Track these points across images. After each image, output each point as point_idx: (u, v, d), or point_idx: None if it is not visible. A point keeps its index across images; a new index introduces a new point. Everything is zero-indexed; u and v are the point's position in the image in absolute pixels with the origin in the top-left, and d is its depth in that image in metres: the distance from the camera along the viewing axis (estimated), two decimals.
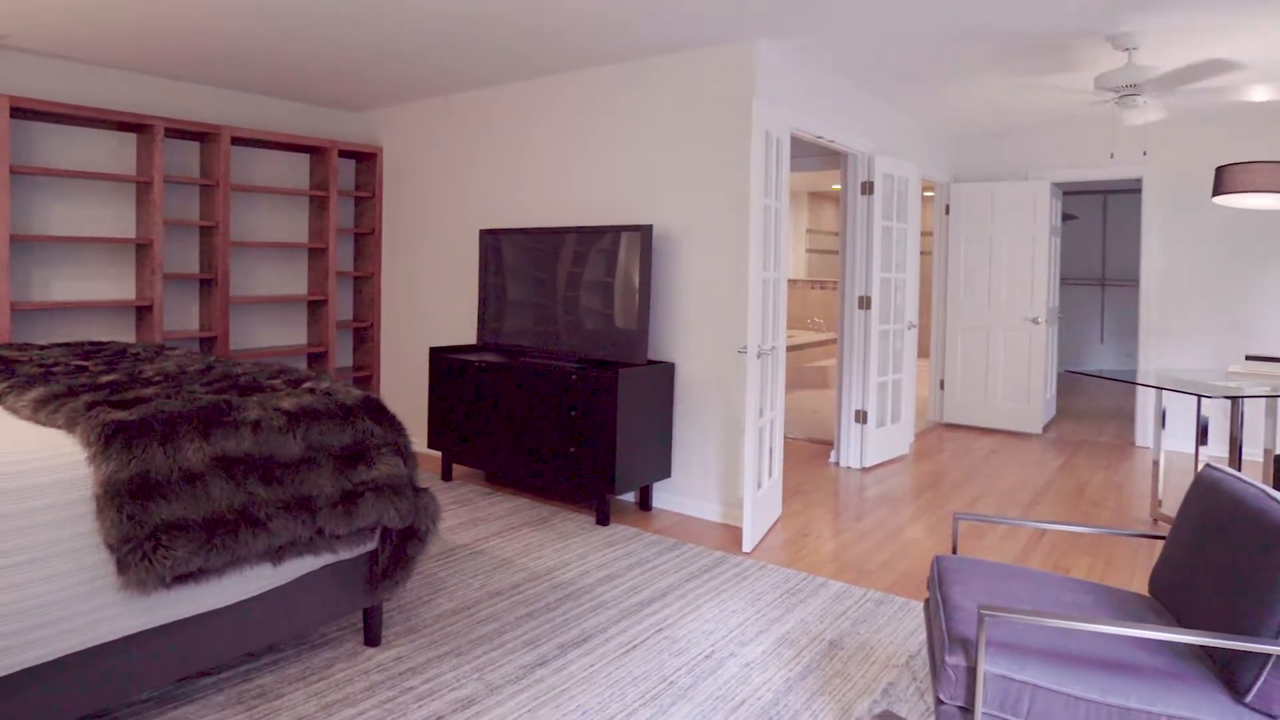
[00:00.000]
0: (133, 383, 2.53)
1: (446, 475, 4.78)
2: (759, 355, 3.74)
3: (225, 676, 2.44)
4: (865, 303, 5.29)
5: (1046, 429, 6.70)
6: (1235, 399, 3.77)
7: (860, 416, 5.33)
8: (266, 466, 2.21)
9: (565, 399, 4.09)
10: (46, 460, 1.90)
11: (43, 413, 2.19)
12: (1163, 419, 4.27)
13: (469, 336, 5.32)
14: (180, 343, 5.04)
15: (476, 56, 4.40)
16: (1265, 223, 5.64)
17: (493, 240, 4.73)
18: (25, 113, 4.29)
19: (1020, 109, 5.56)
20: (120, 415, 2.05)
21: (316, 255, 5.64)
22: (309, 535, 2.26)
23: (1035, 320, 6.38)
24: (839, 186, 6.16)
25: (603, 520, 4.00)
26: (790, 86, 4.31)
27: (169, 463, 2.02)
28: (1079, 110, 5.54)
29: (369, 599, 2.61)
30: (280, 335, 5.64)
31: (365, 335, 5.95)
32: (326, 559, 2.42)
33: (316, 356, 5.64)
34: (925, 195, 9.03)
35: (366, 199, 5.89)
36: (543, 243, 4.49)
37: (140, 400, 2.21)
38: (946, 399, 6.78)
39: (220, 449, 2.13)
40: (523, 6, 3.55)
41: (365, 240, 5.91)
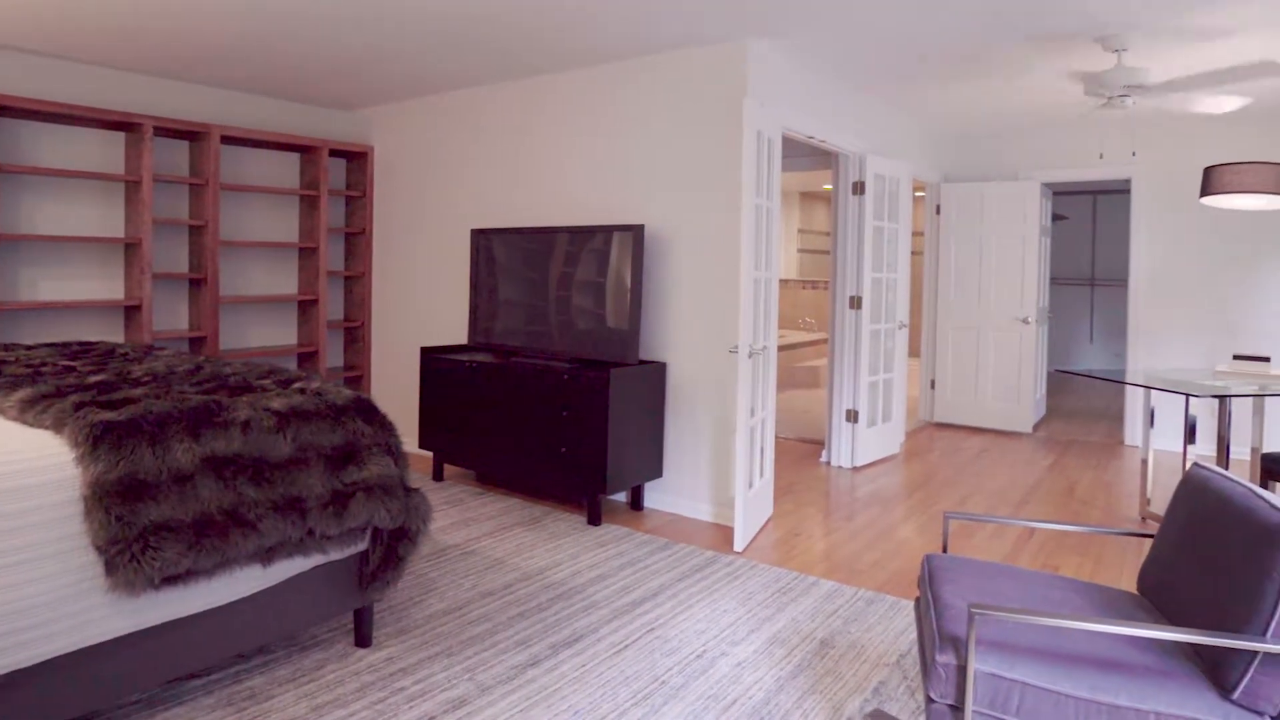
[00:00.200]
0: (121, 383, 2.52)
1: (438, 475, 4.77)
2: (750, 355, 3.74)
3: (215, 678, 2.43)
4: (856, 302, 5.30)
5: (1036, 428, 6.73)
6: (1223, 398, 3.79)
7: (851, 416, 5.34)
8: (256, 467, 2.20)
9: (557, 399, 4.09)
10: (34, 461, 1.89)
11: (30, 413, 2.17)
12: (1151, 418, 4.30)
13: (460, 336, 5.31)
14: (169, 343, 5.01)
15: (467, 56, 4.39)
16: (1252, 223, 5.68)
17: (484, 240, 4.73)
18: (13, 111, 4.26)
19: (1010, 110, 5.58)
20: (108, 416, 2.03)
21: (307, 255, 5.62)
22: (299, 536, 2.25)
23: (1025, 320, 6.41)
24: (830, 186, 6.17)
25: (594, 520, 4.00)
26: (782, 86, 4.32)
27: (158, 463, 2.01)
28: (1069, 111, 5.57)
29: (360, 600, 2.60)
30: (270, 335, 5.62)
31: (356, 335, 5.93)
32: (317, 560, 2.41)
33: (307, 356, 5.62)
34: (916, 195, 9.06)
35: (357, 198, 5.87)
36: (534, 242, 4.49)
37: (129, 400, 2.20)
38: (937, 398, 6.80)
39: (210, 449, 2.12)
40: (515, 6, 3.54)
41: (356, 240, 5.89)
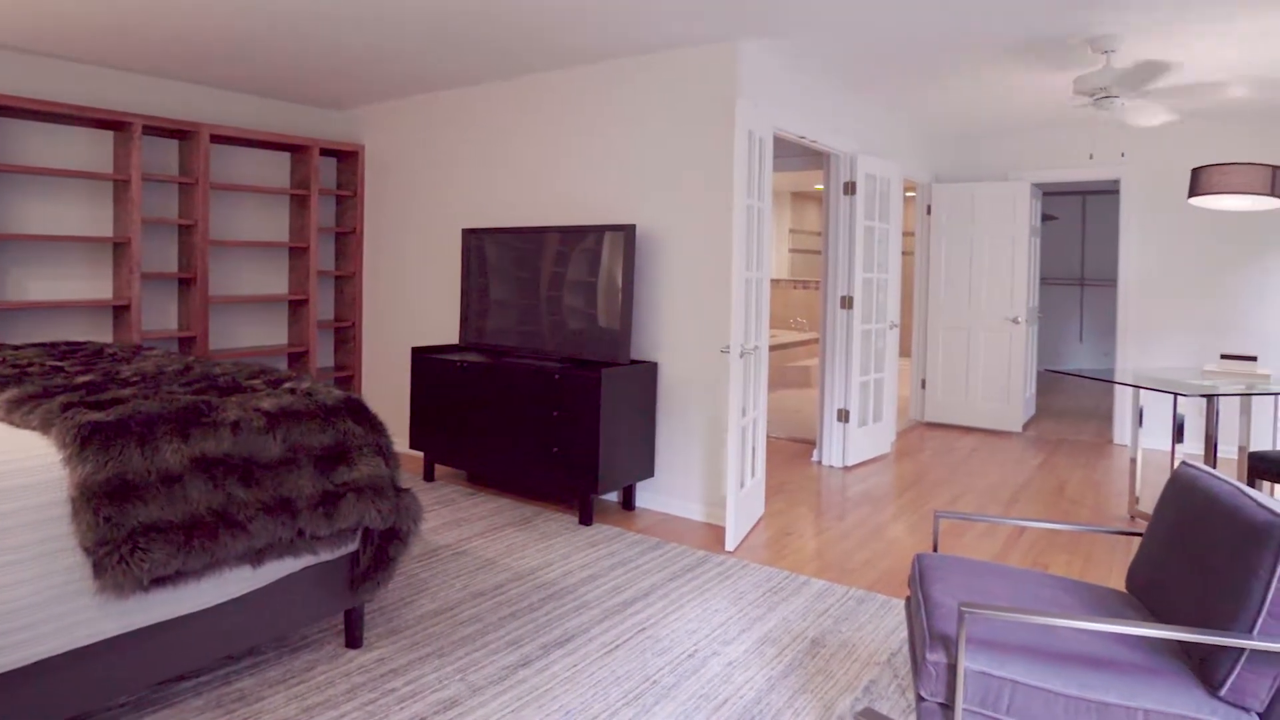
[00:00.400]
0: (109, 383, 2.50)
1: (429, 476, 4.76)
2: (742, 355, 3.74)
3: (204, 680, 2.42)
4: (847, 302, 5.32)
5: (1026, 428, 6.76)
6: (1210, 397, 3.82)
7: (842, 416, 5.35)
8: (246, 467, 2.19)
9: (548, 399, 4.08)
10: (21, 462, 1.88)
11: (17, 414, 2.16)
12: (1140, 417, 4.33)
13: (451, 336, 5.30)
14: (158, 343, 4.98)
15: (460, 55, 4.38)
16: (1240, 224, 5.72)
17: (475, 240, 4.72)
18: (0, 109, 4.23)
19: (1000, 110, 5.60)
20: (96, 416, 2.02)
21: (297, 254, 5.60)
22: (289, 537, 2.25)
23: (1015, 320, 6.43)
24: (822, 186, 6.18)
25: (586, 520, 4.00)
26: (774, 87, 4.33)
27: (146, 464, 1.99)
28: (1058, 112, 5.59)
29: (350, 600, 2.59)
30: (260, 335, 5.60)
31: (347, 335, 5.91)
32: (307, 560, 2.40)
33: (297, 356, 5.60)
34: (907, 195, 9.09)
35: (348, 198, 5.85)
36: (526, 242, 4.48)
37: (117, 401, 2.18)
38: (928, 398, 6.83)
39: (199, 450, 2.11)
40: (507, 5, 3.54)
41: (347, 239, 5.87)
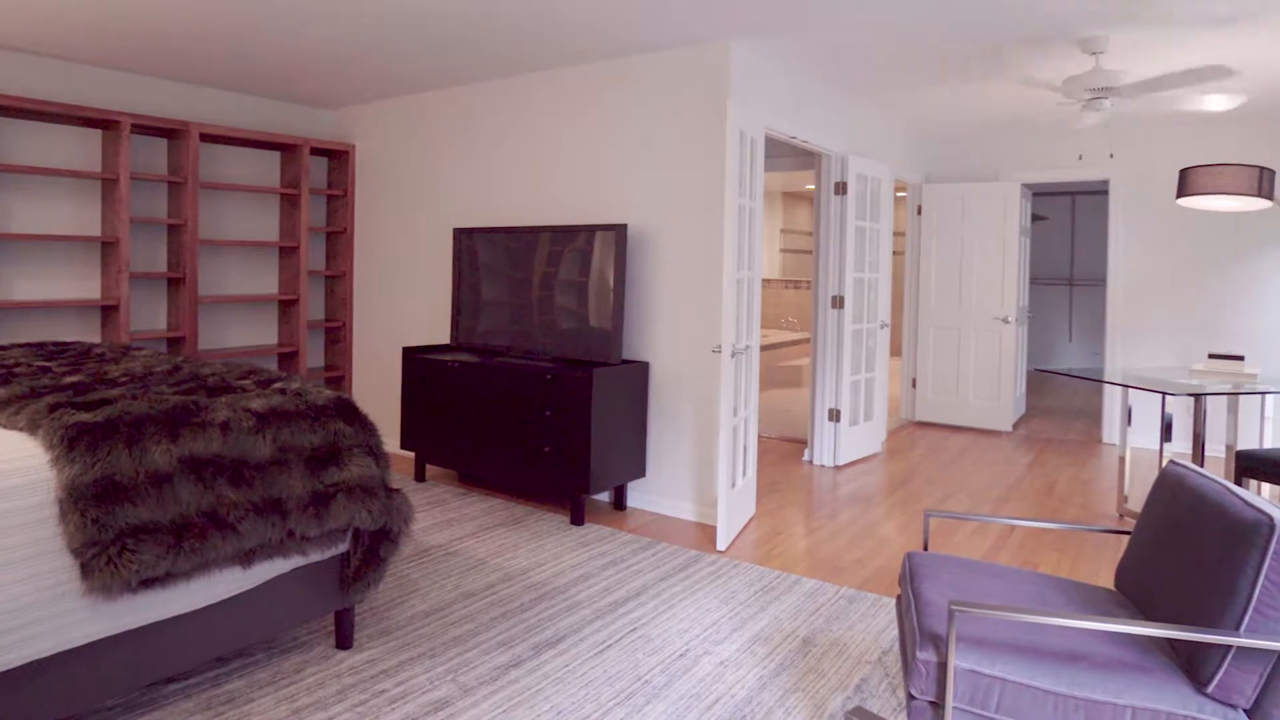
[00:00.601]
0: (97, 384, 2.49)
1: (420, 476, 4.75)
2: (733, 354, 3.75)
3: (194, 682, 2.40)
4: (838, 302, 5.33)
5: (1016, 427, 6.80)
6: (1198, 396, 3.84)
7: (833, 415, 5.37)
8: (236, 468, 2.18)
9: (539, 399, 4.08)
10: (8, 464, 1.86)
11: (3, 415, 2.14)
12: (1129, 416, 4.35)
13: (443, 336, 5.29)
14: (147, 343, 4.95)
15: (451, 54, 4.37)
16: (1228, 224, 5.76)
17: (467, 239, 4.71)
18: None
19: (991, 111, 5.63)
20: (84, 417, 2.01)
21: (288, 254, 5.58)
22: (279, 537, 2.24)
23: (1005, 320, 6.46)
24: (813, 187, 6.20)
25: (577, 520, 4.00)
26: (765, 87, 4.33)
27: (135, 465, 1.98)
28: (1048, 113, 5.62)
29: (341, 601, 2.58)
30: (250, 335, 5.57)
31: (337, 335, 5.89)
32: (297, 561, 2.39)
33: (287, 357, 5.58)
34: (898, 196, 9.12)
35: (339, 197, 5.83)
36: (517, 242, 4.48)
37: (105, 401, 2.17)
38: (918, 397, 6.85)
39: (188, 451, 2.10)
40: (498, 4, 3.53)
41: (337, 239, 5.85)
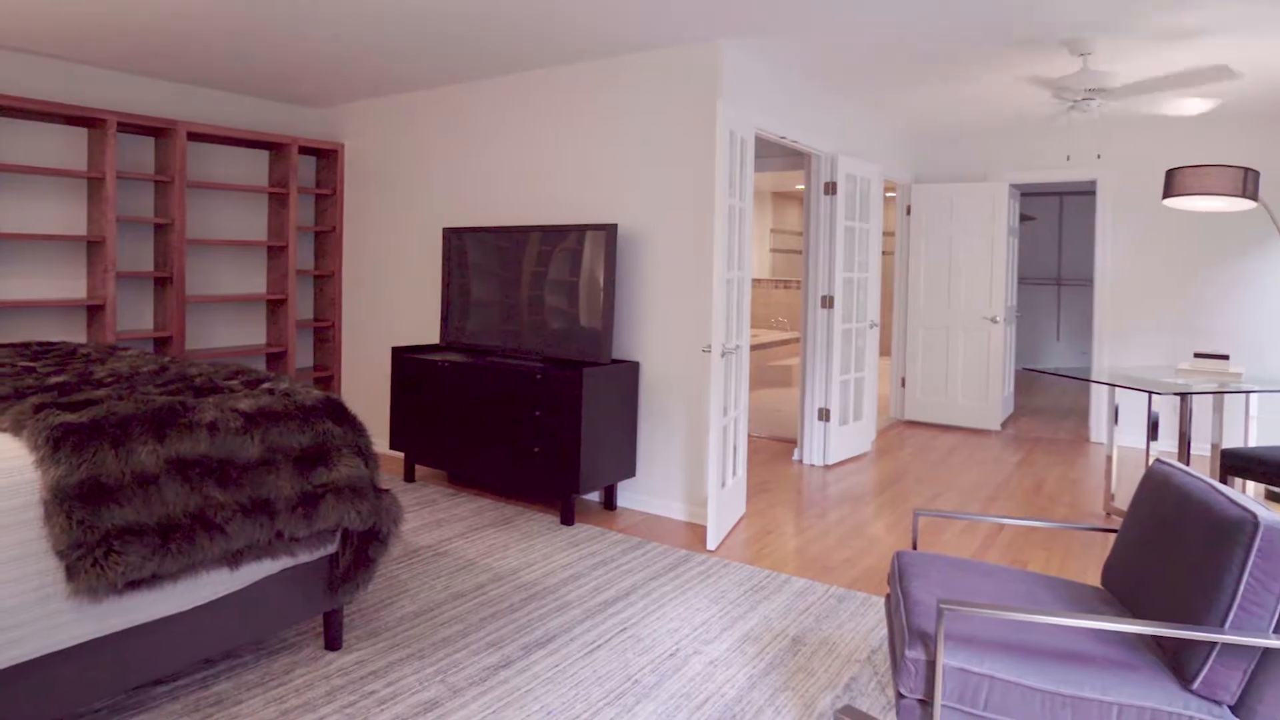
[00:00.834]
0: (83, 384, 2.47)
1: (409, 476, 4.73)
2: (723, 354, 3.75)
3: (181, 684, 2.39)
4: (828, 302, 5.34)
5: (1005, 426, 6.83)
6: (1184, 395, 3.87)
7: (823, 414, 5.38)
8: (223, 469, 2.17)
9: (529, 398, 4.07)
10: None
11: None
12: (1116, 415, 4.38)
13: (432, 336, 5.28)
14: (134, 343, 4.92)
15: (441, 53, 4.36)
16: (1213, 225, 5.81)
17: (456, 239, 4.70)
18: None
19: (979, 112, 5.65)
20: (69, 418, 1.99)
21: (276, 253, 5.55)
22: (268, 538, 2.23)
23: (994, 319, 6.49)
24: (803, 187, 6.21)
25: (567, 520, 3.99)
26: (755, 87, 4.34)
27: (121, 466, 1.97)
28: (1036, 114, 5.65)
29: (330, 602, 2.57)
30: (238, 335, 5.54)
31: (326, 335, 5.87)
32: (286, 562, 2.38)
33: (276, 357, 5.55)
34: (887, 196, 9.15)
35: (328, 196, 5.80)
36: (507, 241, 4.47)
37: (91, 402, 2.15)
38: (907, 397, 6.87)
39: (175, 451, 2.09)
40: (490, 3, 3.52)
41: (326, 238, 5.83)
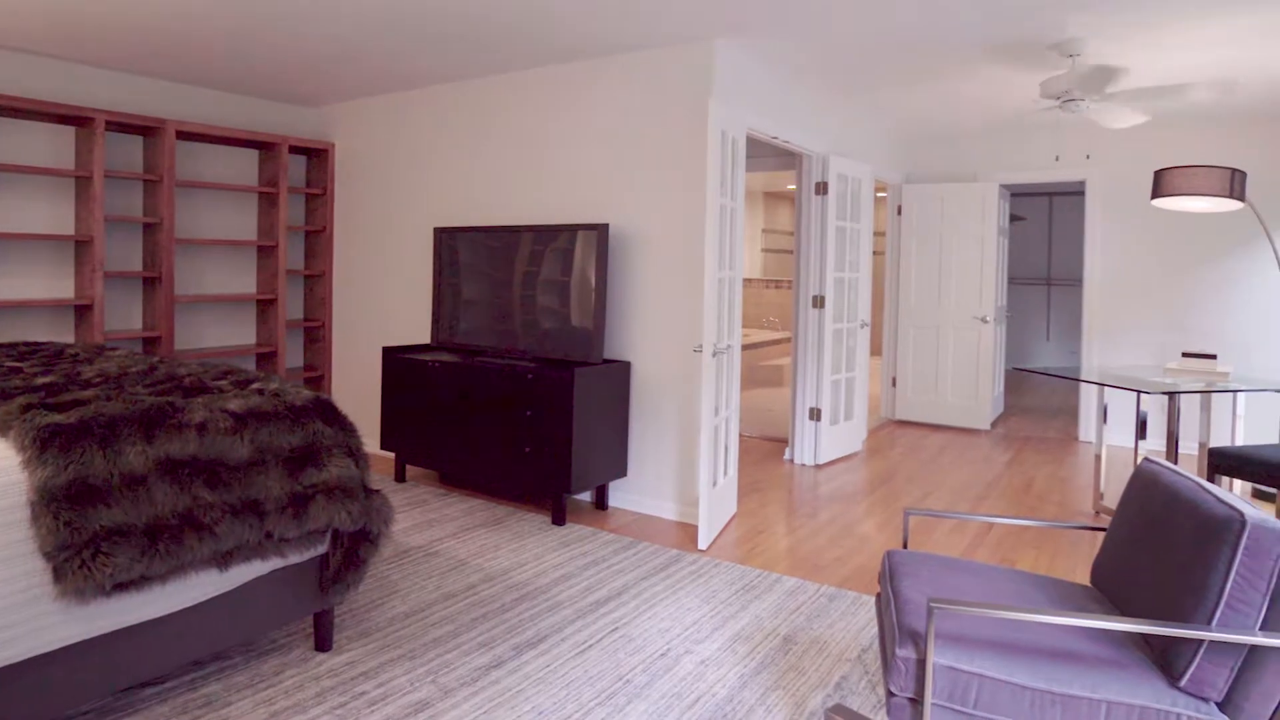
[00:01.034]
0: (71, 384, 2.46)
1: (400, 476, 4.72)
2: (714, 354, 3.76)
3: (170, 686, 2.38)
4: (819, 302, 5.35)
5: (995, 425, 6.86)
6: (1172, 395, 3.90)
7: (814, 414, 5.39)
8: (212, 469, 2.15)
9: (521, 399, 4.07)
10: None
11: None
12: (1105, 414, 4.40)
13: (423, 336, 5.26)
14: (122, 343, 4.89)
15: (432, 52, 4.35)
16: (1201, 225, 5.85)
17: (448, 239, 4.69)
18: None
19: (970, 113, 5.67)
20: (57, 418, 1.98)
21: (266, 253, 5.52)
22: (257, 539, 2.22)
23: (984, 319, 6.52)
24: (794, 187, 6.22)
25: (559, 520, 3.99)
26: (746, 87, 4.34)
27: (109, 467, 1.96)
28: (1026, 114, 5.67)
29: (320, 603, 2.56)
30: (228, 335, 5.52)
31: (316, 335, 5.85)
32: (276, 563, 2.37)
33: (266, 357, 5.52)
34: (878, 196, 9.17)
35: (318, 196, 5.78)
36: (498, 241, 4.46)
37: (78, 402, 2.14)
38: (898, 396, 6.89)
39: (164, 452, 2.07)
40: (479, 2, 3.52)
41: (316, 238, 5.81)
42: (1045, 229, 9.93)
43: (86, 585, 1.85)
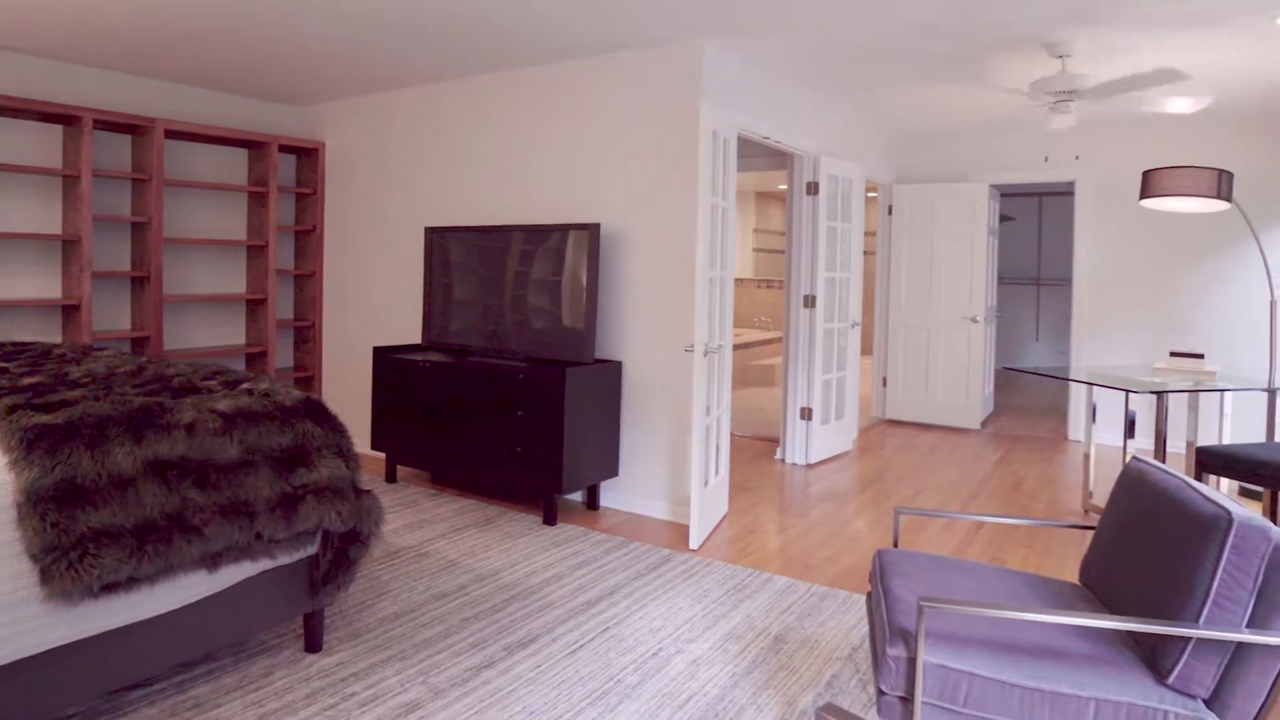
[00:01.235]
0: (58, 385, 2.44)
1: (391, 477, 4.71)
2: (706, 353, 3.76)
3: (159, 688, 2.36)
4: (810, 301, 5.36)
5: (985, 424, 6.89)
6: (1160, 394, 3.92)
7: (805, 413, 5.40)
8: (202, 470, 2.14)
9: (512, 398, 4.06)
10: None
11: None
12: (1094, 414, 4.43)
13: (414, 336, 5.25)
14: (110, 343, 4.86)
15: (423, 52, 4.34)
16: (1189, 225, 5.89)
17: (439, 238, 4.68)
18: None
19: (960, 113, 5.69)
20: (44, 419, 1.97)
21: (255, 253, 5.50)
22: (247, 540, 2.21)
23: (974, 319, 6.55)
24: (785, 187, 6.23)
25: (550, 520, 3.99)
26: (738, 87, 4.35)
27: (97, 468, 1.94)
28: (1016, 115, 5.70)
29: (310, 604, 2.55)
30: (217, 335, 5.49)
31: (306, 335, 5.82)
32: (265, 564, 2.36)
33: (255, 357, 5.50)
34: (869, 196, 9.20)
35: (308, 195, 5.76)
36: (489, 241, 4.45)
37: (66, 403, 2.13)
38: (889, 396, 6.92)
39: (152, 453, 2.06)
40: (472, 2, 3.51)
41: (306, 238, 5.78)
42: (1035, 229, 9.98)
43: (74, 587, 1.84)
